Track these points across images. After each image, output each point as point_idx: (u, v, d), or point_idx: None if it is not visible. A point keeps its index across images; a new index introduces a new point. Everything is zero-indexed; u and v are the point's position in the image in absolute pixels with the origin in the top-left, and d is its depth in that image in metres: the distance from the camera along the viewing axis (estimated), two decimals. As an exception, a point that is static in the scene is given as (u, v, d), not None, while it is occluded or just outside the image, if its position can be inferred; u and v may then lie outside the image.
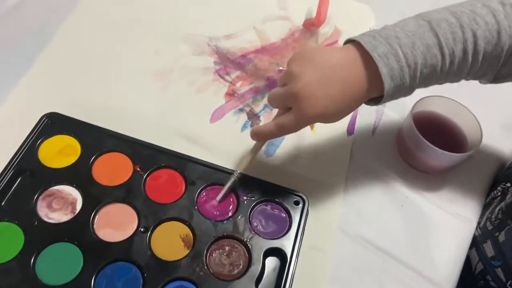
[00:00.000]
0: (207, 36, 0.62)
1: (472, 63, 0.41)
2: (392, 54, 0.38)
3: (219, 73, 0.59)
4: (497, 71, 0.42)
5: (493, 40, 0.40)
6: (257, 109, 0.57)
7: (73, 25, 0.59)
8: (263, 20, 0.66)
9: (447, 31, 0.39)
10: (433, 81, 0.42)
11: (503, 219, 0.48)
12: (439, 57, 0.39)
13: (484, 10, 0.40)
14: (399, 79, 0.39)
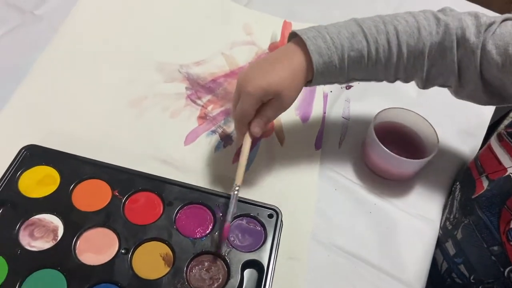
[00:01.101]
0: (177, 64, 0.65)
1: (398, 55, 0.47)
2: (319, 37, 0.46)
3: (191, 98, 0.62)
4: (426, 72, 0.48)
5: (414, 35, 0.46)
6: (229, 130, 0.60)
7: (47, 60, 0.62)
8: (231, 45, 0.70)
9: (371, 25, 0.47)
10: (363, 68, 0.48)
11: (458, 218, 0.52)
12: (364, 43, 0.46)
13: (405, 14, 0.48)
14: (327, 56, 0.46)
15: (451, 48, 0.46)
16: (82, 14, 0.68)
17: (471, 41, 0.45)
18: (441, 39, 0.46)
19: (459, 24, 0.46)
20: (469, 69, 0.47)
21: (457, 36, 0.46)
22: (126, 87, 0.61)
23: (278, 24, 0.75)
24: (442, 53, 0.47)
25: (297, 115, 0.63)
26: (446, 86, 0.51)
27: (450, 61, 0.47)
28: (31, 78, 0.59)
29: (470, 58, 0.46)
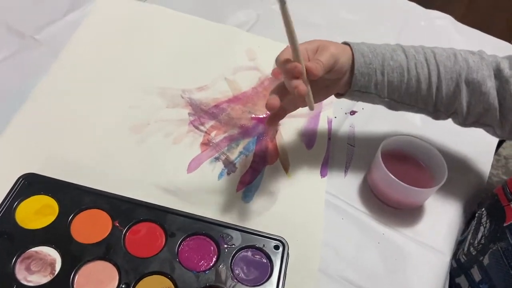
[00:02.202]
0: (180, 89, 0.65)
1: (438, 75, 0.49)
2: (363, 44, 0.51)
3: (193, 124, 0.61)
4: (466, 101, 0.50)
5: (451, 58, 0.50)
6: (233, 157, 0.58)
7: (47, 85, 0.61)
8: (234, 71, 0.69)
9: (409, 46, 0.51)
10: (404, 83, 0.50)
11: (485, 244, 0.50)
12: (403, 56, 0.50)
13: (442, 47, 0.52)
14: (368, 58, 0.49)
15: (489, 76, 0.49)
16: (83, 39, 0.67)
17: (505, 72, 0.48)
18: (477, 67, 0.49)
19: (493, 59, 0.50)
20: (506, 99, 0.49)
21: (492, 67, 0.49)
22: (127, 113, 0.60)
23: (281, 48, 0.74)
24: (480, 81, 0.49)
25: (302, 141, 0.62)
26: (486, 124, 0.52)
27: (491, 89, 0.49)
28: (30, 104, 0.58)
29: (505, 88, 0.48)
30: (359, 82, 0.50)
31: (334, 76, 0.48)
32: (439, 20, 0.86)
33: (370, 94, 0.52)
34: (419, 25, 0.84)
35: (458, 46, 0.81)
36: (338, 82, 0.50)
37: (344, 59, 0.48)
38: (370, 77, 0.50)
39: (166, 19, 0.74)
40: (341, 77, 0.50)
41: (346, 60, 0.49)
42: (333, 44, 0.48)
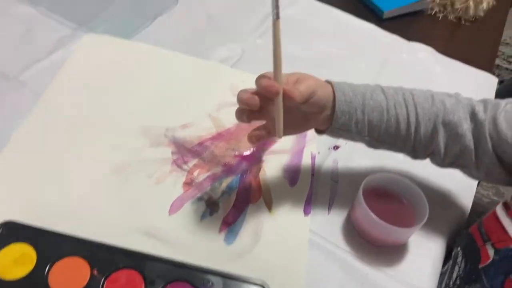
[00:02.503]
0: (164, 127, 0.65)
1: (416, 116, 0.50)
2: (344, 83, 0.52)
3: (176, 163, 0.61)
4: (444, 143, 0.51)
5: (428, 100, 0.51)
6: (216, 197, 0.58)
7: (28, 128, 0.60)
8: (218, 107, 0.69)
9: (388, 87, 0.53)
10: (384, 122, 0.51)
11: (461, 285, 0.50)
12: (382, 97, 0.51)
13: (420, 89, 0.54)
14: (349, 97, 0.50)
15: (465, 119, 0.50)
16: (65, 79, 0.67)
17: (479, 115, 0.50)
18: (454, 110, 0.51)
19: (469, 102, 0.52)
20: (481, 141, 0.50)
21: (468, 110, 0.51)
22: (110, 154, 0.60)
23: (265, 84, 0.75)
24: (456, 123, 0.50)
25: (285, 178, 0.62)
26: (463, 165, 0.53)
27: (465, 132, 0.50)
28: (11, 147, 0.58)
29: (480, 131, 0.50)
30: (340, 120, 0.51)
31: (311, 109, 0.49)
32: (421, 52, 0.87)
33: (351, 133, 0.52)
34: (401, 58, 0.86)
35: (440, 78, 0.83)
36: (317, 117, 0.51)
37: (323, 93, 0.49)
38: (351, 115, 0.50)
39: (150, 56, 0.74)
40: (319, 112, 0.50)
41: (325, 95, 0.49)
42: (313, 78, 0.49)
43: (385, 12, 0.92)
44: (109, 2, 0.82)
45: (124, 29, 0.78)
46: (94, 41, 0.74)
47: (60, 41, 0.74)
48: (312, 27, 0.89)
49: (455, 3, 0.95)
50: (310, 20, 0.90)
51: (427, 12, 0.97)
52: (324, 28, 0.89)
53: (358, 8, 0.96)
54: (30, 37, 0.74)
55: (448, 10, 0.96)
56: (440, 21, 0.96)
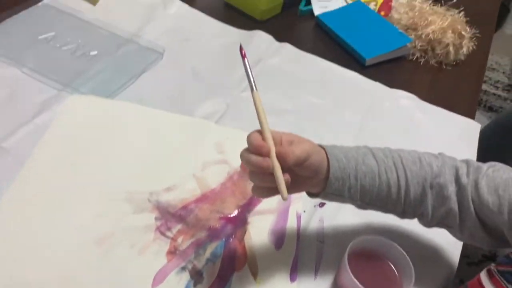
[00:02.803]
0: (147, 192, 0.64)
1: (406, 179, 0.51)
2: (335, 147, 0.52)
3: (160, 230, 0.60)
4: (431, 205, 0.52)
5: (416, 163, 0.52)
6: (200, 265, 0.57)
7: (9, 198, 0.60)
8: (203, 166, 0.69)
9: (377, 149, 0.53)
10: (376, 186, 0.51)
11: None
12: (373, 162, 0.51)
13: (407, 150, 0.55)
14: (342, 163, 0.50)
15: (450, 182, 0.51)
16: (49, 145, 0.67)
17: (462, 179, 0.51)
18: (440, 172, 0.51)
19: (453, 163, 0.53)
20: (464, 205, 0.50)
21: (453, 172, 0.52)
22: (92, 223, 0.59)
23: (250, 139, 0.75)
24: (442, 186, 0.51)
25: (270, 242, 0.62)
26: (449, 226, 0.53)
27: (452, 195, 0.51)
28: (-9, 223, 0.57)
29: (463, 195, 0.50)
30: (333, 186, 0.51)
31: (305, 172, 0.48)
32: (403, 99, 0.88)
33: (343, 197, 0.52)
34: (385, 106, 0.87)
35: (424, 125, 0.84)
36: (310, 181, 0.50)
37: (317, 158, 0.49)
38: (344, 181, 0.51)
39: (134, 115, 0.75)
40: (313, 176, 0.50)
41: (319, 160, 0.49)
42: (308, 141, 0.49)
43: (367, 60, 0.94)
44: (94, 61, 0.83)
45: (109, 87, 0.78)
46: (78, 103, 0.74)
47: (45, 103, 0.74)
48: (297, 76, 0.90)
49: (436, 49, 0.97)
50: (295, 70, 0.91)
51: (408, 58, 0.99)
52: (308, 77, 0.90)
53: (341, 55, 0.98)
54: (15, 100, 0.74)
55: (429, 55, 0.98)
56: (422, 66, 0.98)
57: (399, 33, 0.98)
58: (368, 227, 0.65)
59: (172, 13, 0.98)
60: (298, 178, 0.49)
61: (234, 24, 0.98)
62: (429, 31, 0.95)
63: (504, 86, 2.39)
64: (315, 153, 0.48)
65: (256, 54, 0.92)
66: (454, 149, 0.80)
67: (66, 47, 0.85)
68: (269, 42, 0.95)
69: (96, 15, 0.92)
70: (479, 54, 1.02)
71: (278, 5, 1.02)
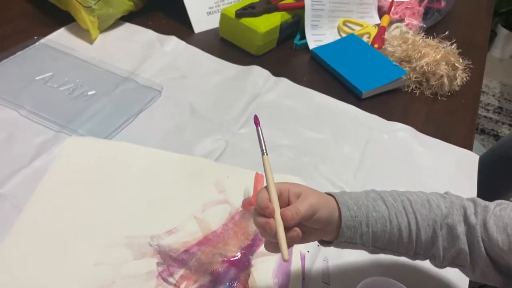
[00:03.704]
0: (148, 236, 0.63)
1: (416, 223, 0.51)
2: (346, 194, 0.52)
3: (162, 276, 0.59)
4: (442, 246, 0.51)
5: (425, 206, 0.52)
6: (204, 313, 0.56)
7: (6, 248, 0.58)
8: (203, 207, 0.69)
9: (387, 193, 0.54)
10: (388, 232, 0.51)
11: None
12: (383, 207, 0.52)
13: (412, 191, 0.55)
14: (353, 211, 0.50)
15: (459, 222, 0.51)
16: (46, 190, 0.66)
17: (471, 219, 0.51)
18: (449, 213, 0.52)
19: (461, 203, 0.53)
20: (475, 245, 0.50)
21: (461, 212, 0.52)
22: (92, 272, 0.58)
23: (250, 176, 0.75)
24: (452, 227, 0.51)
25: (275, 284, 0.60)
26: (459, 265, 0.53)
27: (461, 235, 0.50)
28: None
29: (473, 234, 0.50)
30: (345, 234, 0.51)
31: (314, 225, 0.49)
32: (401, 132, 0.89)
33: (355, 244, 0.53)
34: (383, 138, 0.87)
35: (422, 157, 0.84)
36: (320, 232, 0.51)
37: (326, 210, 0.49)
38: (356, 229, 0.51)
39: (133, 156, 0.74)
40: (322, 228, 0.50)
41: (329, 211, 0.49)
42: (316, 194, 0.49)
43: (363, 93, 0.95)
44: (93, 101, 0.83)
45: (108, 128, 0.78)
46: (76, 145, 0.74)
47: (42, 145, 0.73)
48: (294, 110, 0.90)
49: (430, 80, 0.98)
50: (292, 104, 0.92)
51: (404, 90, 1.00)
52: (305, 112, 0.90)
53: (337, 88, 0.99)
54: (12, 143, 0.73)
55: (424, 86, 1.00)
56: (417, 97, 0.99)
57: (393, 65, 0.99)
58: (373, 266, 0.64)
59: (169, 50, 0.99)
60: (308, 229, 0.49)
61: (230, 60, 0.99)
62: (423, 63, 0.96)
63: (494, 109, 2.43)
64: (323, 207, 0.48)
65: (254, 89, 0.92)
66: (453, 181, 0.81)
67: (64, 87, 0.85)
68: (265, 76, 0.96)
69: (94, 53, 0.93)
70: (472, 83, 1.03)
71: (274, 40, 1.04)
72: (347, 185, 0.76)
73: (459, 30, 1.17)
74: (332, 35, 1.10)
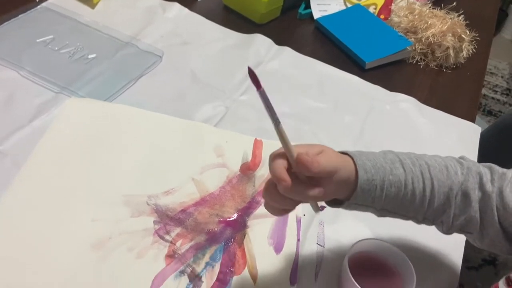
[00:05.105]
0: (146, 195, 0.64)
1: (431, 189, 0.49)
2: (363, 155, 0.49)
3: (158, 234, 0.60)
4: (452, 213, 0.50)
5: (443, 172, 0.50)
6: (199, 269, 0.57)
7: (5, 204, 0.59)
8: (201, 170, 0.69)
9: (405, 156, 0.51)
10: (401, 197, 0.49)
11: None
12: (401, 170, 0.49)
13: (430, 155, 0.53)
14: (371, 174, 0.47)
15: (473, 189, 0.49)
16: (46, 148, 0.66)
17: (487, 186, 0.49)
18: (465, 180, 0.50)
19: (478, 169, 0.50)
20: (487, 213, 0.48)
21: (477, 180, 0.50)
22: (89, 228, 0.59)
23: (249, 142, 0.75)
24: (466, 194, 0.49)
25: (270, 245, 0.61)
26: (468, 232, 0.51)
27: (474, 202, 0.49)
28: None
29: (487, 202, 0.48)
30: (359, 197, 0.48)
31: (332, 186, 0.45)
32: (404, 103, 0.88)
33: (366, 207, 0.50)
34: (385, 109, 0.87)
35: (424, 128, 0.84)
36: (336, 192, 0.48)
37: (345, 172, 0.46)
38: (370, 192, 0.48)
39: (132, 118, 0.74)
40: (340, 188, 0.47)
41: (347, 173, 0.46)
42: (335, 154, 0.47)
43: (367, 63, 0.93)
44: (93, 64, 0.83)
45: (107, 90, 0.78)
46: (76, 105, 0.74)
47: (42, 106, 0.74)
48: (296, 80, 0.89)
49: (436, 52, 0.97)
50: (294, 73, 0.91)
51: (408, 61, 0.98)
52: (308, 81, 0.90)
53: (340, 58, 0.97)
54: (13, 102, 0.74)
55: (429, 58, 0.98)
56: (422, 69, 0.98)
57: (399, 36, 0.98)
58: (368, 230, 0.64)
59: (171, 17, 0.98)
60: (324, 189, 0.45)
61: (233, 28, 0.98)
62: (429, 34, 0.94)
63: (502, 90, 2.40)
64: (343, 167, 0.46)
65: (256, 58, 0.91)
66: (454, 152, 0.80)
67: (65, 50, 0.84)
68: (268, 45, 0.95)
69: (95, 18, 0.92)
70: (478, 57, 1.01)
71: (277, 8, 1.02)
72: (346, 153, 0.76)
73: (467, 1, 1.14)
74: (338, 5, 1.08)
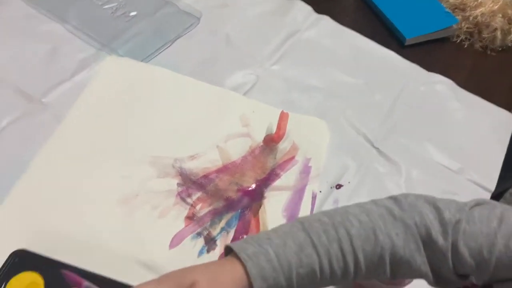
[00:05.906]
0: (172, 158, 0.68)
1: (355, 264, 0.41)
2: (262, 253, 0.38)
3: (180, 196, 0.64)
4: (390, 275, 0.42)
5: (370, 239, 0.41)
6: (214, 233, 0.61)
7: (45, 156, 0.64)
8: (226, 138, 0.72)
9: (319, 230, 0.40)
10: (317, 283, 0.41)
11: None
12: (314, 257, 0.40)
13: (357, 210, 0.42)
14: (272, 279, 0.38)
15: (418, 250, 0.41)
16: (84, 105, 0.71)
17: (439, 244, 0.40)
18: (404, 242, 0.41)
19: (421, 221, 0.41)
20: (442, 270, 0.41)
21: (421, 236, 0.41)
22: (118, 184, 0.64)
23: (275, 114, 0.76)
24: (409, 257, 0.41)
25: (284, 217, 0.64)
26: None
27: (421, 263, 0.41)
28: (28, 175, 0.62)
29: (442, 261, 0.41)
30: None
31: None
32: (439, 85, 0.86)
33: None
34: (419, 90, 0.85)
35: (457, 113, 0.82)
36: None
37: None
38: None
39: (164, 81, 0.77)
40: None
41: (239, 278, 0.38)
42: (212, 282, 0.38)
43: (407, 39, 0.91)
44: (133, 22, 0.85)
45: (145, 50, 0.81)
46: (114, 65, 0.77)
47: (84, 61, 0.77)
48: (331, 51, 0.88)
49: (483, 32, 0.92)
50: (330, 44, 0.90)
51: (452, 40, 0.94)
52: (343, 53, 0.88)
53: (380, 32, 0.95)
54: (56, 56, 0.78)
55: (475, 38, 0.94)
56: (465, 49, 0.94)
57: (445, 12, 0.93)
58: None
59: (212, -23, 0.97)
60: None
61: (273, -8, 0.97)
62: (478, 13, 0.90)
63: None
64: None
65: (293, 25, 0.90)
66: (484, 140, 0.79)
67: (108, 5, 0.87)
68: (307, 13, 0.93)
69: (138, -26, 0.93)
70: (529, 41, 0.95)
71: (321, -27, 0.99)
72: (371, 133, 0.76)
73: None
74: (386, -27, 1.03)
